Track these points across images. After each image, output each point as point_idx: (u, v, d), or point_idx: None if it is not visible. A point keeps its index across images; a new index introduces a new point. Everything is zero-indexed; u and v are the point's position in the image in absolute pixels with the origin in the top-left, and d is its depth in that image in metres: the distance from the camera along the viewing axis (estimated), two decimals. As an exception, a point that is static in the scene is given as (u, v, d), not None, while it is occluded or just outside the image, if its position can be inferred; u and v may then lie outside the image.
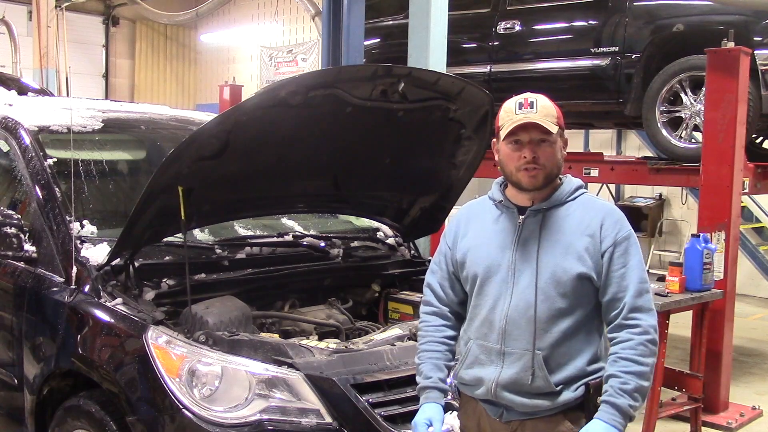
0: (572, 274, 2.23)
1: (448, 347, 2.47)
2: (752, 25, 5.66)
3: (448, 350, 2.46)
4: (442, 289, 2.49)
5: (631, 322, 2.20)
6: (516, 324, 2.26)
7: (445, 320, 2.49)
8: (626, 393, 2.15)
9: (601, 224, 2.26)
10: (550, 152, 2.28)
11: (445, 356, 2.46)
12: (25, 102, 4.33)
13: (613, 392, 2.17)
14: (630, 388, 2.16)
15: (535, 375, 2.24)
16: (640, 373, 2.17)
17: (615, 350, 2.21)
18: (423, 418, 2.38)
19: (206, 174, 2.97)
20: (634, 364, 2.17)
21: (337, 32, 6.54)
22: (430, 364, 2.44)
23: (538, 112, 2.26)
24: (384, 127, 3.27)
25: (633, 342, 2.18)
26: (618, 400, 2.15)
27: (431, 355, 2.45)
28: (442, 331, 2.48)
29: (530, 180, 2.28)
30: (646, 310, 2.22)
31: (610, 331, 2.25)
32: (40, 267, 3.29)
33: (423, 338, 2.50)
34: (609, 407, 2.16)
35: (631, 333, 2.20)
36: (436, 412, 2.39)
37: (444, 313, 2.49)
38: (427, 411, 2.39)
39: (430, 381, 2.42)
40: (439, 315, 2.49)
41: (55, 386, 3.18)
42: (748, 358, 7.11)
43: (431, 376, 2.43)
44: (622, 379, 2.16)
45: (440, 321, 2.49)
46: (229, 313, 3.00)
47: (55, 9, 11.83)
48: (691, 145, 5.91)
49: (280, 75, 14.63)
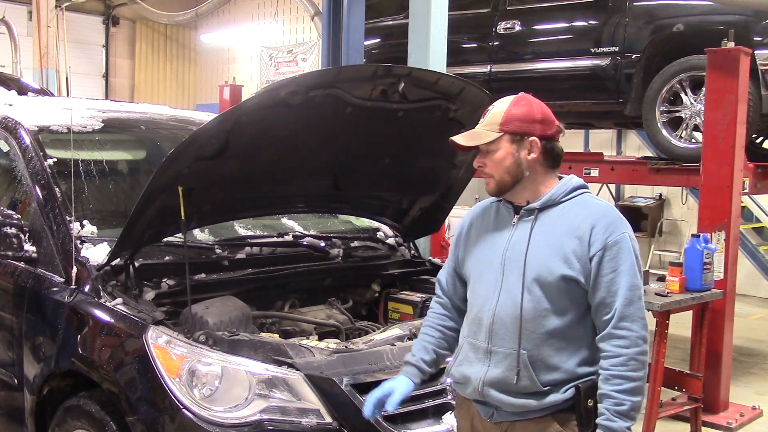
0: (557, 276, 2.21)
1: (443, 335, 2.54)
2: (752, 25, 5.66)
3: (442, 337, 2.54)
4: (446, 284, 2.58)
5: (620, 333, 2.18)
6: (502, 323, 2.26)
7: (446, 310, 2.57)
8: (622, 415, 2.15)
9: (592, 227, 2.22)
10: (494, 161, 2.31)
11: (437, 342, 2.54)
12: (25, 102, 4.33)
13: (609, 415, 2.16)
14: (625, 409, 2.16)
15: (520, 375, 2.23)
16: (633, 390, 2.16)
17: (605, 366, 2.19)
18: (388, 385, 2.48)
19: (206, 174, 2.97)
20: (627, 381, 2.16)
21: (337, 32, 6.54)
22: (419, 345, 2.55)
23: (482, 123, 2.33)
24: (384, 127, 3.27)
25: (623, 357, 2.17)
26: (614, 424, 2.15)
27: (424, 337, 2.56)
28: (442, 320, 2.56)
29: (486, 187, 2.37)
30: (635, 320, 2.19)
31: (599, 340, 2.22)
32: (40, 267, 3.29)
33: (424, 324, 2.61)
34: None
35: (620, 347, 2.17)
36: (401, 383, 2.48)
37: (446, 304, 2.58)
38: (393, 381, 2.50)
39: (413, 358, 2.53)
40: (443, 305, 2.59)
41: (55, 386, 3.18)
42: (748, 358, 7.11)
43: (415, 355, 2.53)
44: (616, 400, 2.16)
45: (442, 310, 2.58)
46: (229, 313, 3.00)
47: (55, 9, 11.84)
48: (691, 145, 5.91)
49: (280, 75, 14.63)
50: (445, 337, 2.54)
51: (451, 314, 2.56)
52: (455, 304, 2.55)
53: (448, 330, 2.54)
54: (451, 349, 2.54)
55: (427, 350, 2.53)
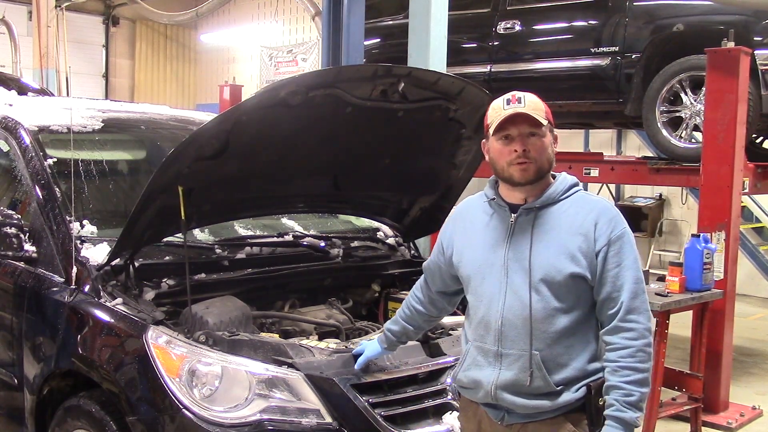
0: (565, 274, 2.21)
1: (410, 312, 2.71)
2: (752, 25, 5.66)
3: (410, 316, 2.71)
4: (429, 274, 2.67)
5: (627, 325, 2.19)
6: (512, 325, 2.26)
7: (420, 294, 2.70)
8: (632, 405, 2.15)
9: (595, 223, 2.24)
10: (540, 145, 2.27)
11: (405, 315, 2.72)
12: (25, 102, 4.33)
13: (619, 406, 2.16)
14: (635, 400, 2.15)
15: (533, 376, 2.23)
16: (641, 381, 2.16)
17: (613, 357, 2.19)
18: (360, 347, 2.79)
19: (206, 174, 2.97)
20: (636, 372, 2.16)
21: (337, 32, 6.54)
22: (393, 318, 2.78)
23: (526, 106, 2.26)
24: (384, 127, 3.27)
25: (632, 349, 2.17)
26: (625, 415, 2.15)
27: (399, 312, 2.76)
28: (414, 300, 2.71)
29: (522, 174, 2.27)
30: (642, 312, 2.21)
31: (605, 333, 2.23)
32: (40, 267, 3.28)
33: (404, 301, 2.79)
34: (616, 422, 2.16)
35: (628, 339, 2.18)
36: (370, 345, 2.78)
37: (424, 290, 2.70)
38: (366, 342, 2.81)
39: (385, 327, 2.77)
40: (421, 290, 2.71)
41: (55, 386, 3.18)
42: (748, 358, 7.11)
43: (387, 325, 2.77)
44: (625, 390, 2.16)
45: (419, 294, 2.71)
46: (229, 313, 3.00)
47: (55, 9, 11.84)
48: (691, 145, 5.91)
49: (280, 75, 14.64)
50: (412, 315, 2.71)
51: (425, 298, 2.68)
52: (431, 296, 2.67)
53: (416, 311, 2.70)
54: (418, 328, 2.76)
55: (397, 322, 2.73)
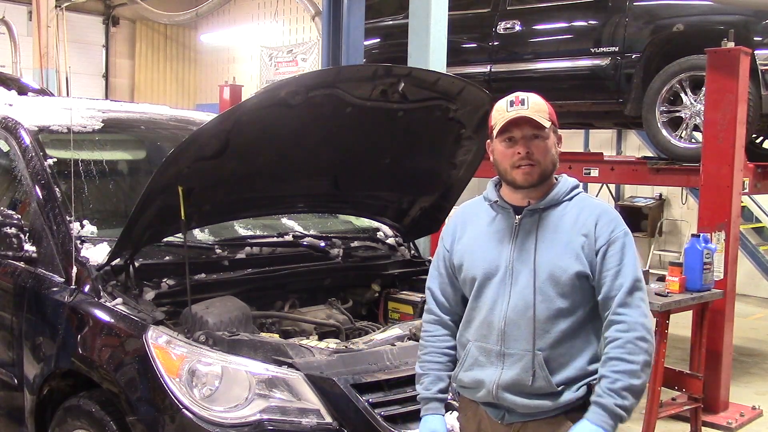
0: (570, 274, 2.23)
1: (449, 357, 2.46)
2: (752, 25, 5.66)
3: (449, 360, 2.46)
4: (443, 296, 2.48)
5: (618, 318, 2.20)
6: (515, 325, 2.26)
7: (446, 329, 2.47)
8: (614, 392, 2.14)
9: (596, 223, 2.26)
10: (543, 147, 2.28)
11: (447, 367, 2.45)
12: (25, 102, 4.33)
13: (601, 392, 2.16)
14: (618, 387, 2.14)
15: (536, 375, 2.23)
16: (629, 372, 2.15)
17: (606, 350, 2.20)
18: (426, 430, 2.42)
19: (206, 174, 2.97)
20: (623, 363, 2.16)
21: (337, 32, 6.54)
22: (432, 376, 2.45)
23: (529, 109, 2.26)
24: (384, 127, 3.27)
25: (621, 341, 2.17)
26: (605, 400, 2.15)
27: (432, 366, 2.46)
28: (444, 341, 2.47)
29: (525, 177, 2.28)
30: (634, 307, 2.20)
31: (603, 330, 2.24)
32: (40, 267, 3.28)
33: (425, 348, 2.49)
34: (597, 407, 2.16)
35: (618, 331, 2.19)
36: (438, 423, 2.42)
37: (445, 322, 2.47)
38: (429, 423, 2.43)
39: (430, 393, 2.44)
40: (441, 324, 2.48)
41: (55, 386, 3.18)
42: (748, 358, 7.11)
43: (431, 388, 2.44)
44: (610, 378, 2.16)
45: (442, 331, 2.48)
46: (229, 313, 3.00)
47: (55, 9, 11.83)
48: (691, 145, 5.91)
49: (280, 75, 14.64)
50: (451, 358, 2.46)
51: (452, 332, 2.46)
52: (455, 319, 2.46)
53: (452, 349, 2.46)
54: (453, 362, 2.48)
55: (441, 378, 2.45)
